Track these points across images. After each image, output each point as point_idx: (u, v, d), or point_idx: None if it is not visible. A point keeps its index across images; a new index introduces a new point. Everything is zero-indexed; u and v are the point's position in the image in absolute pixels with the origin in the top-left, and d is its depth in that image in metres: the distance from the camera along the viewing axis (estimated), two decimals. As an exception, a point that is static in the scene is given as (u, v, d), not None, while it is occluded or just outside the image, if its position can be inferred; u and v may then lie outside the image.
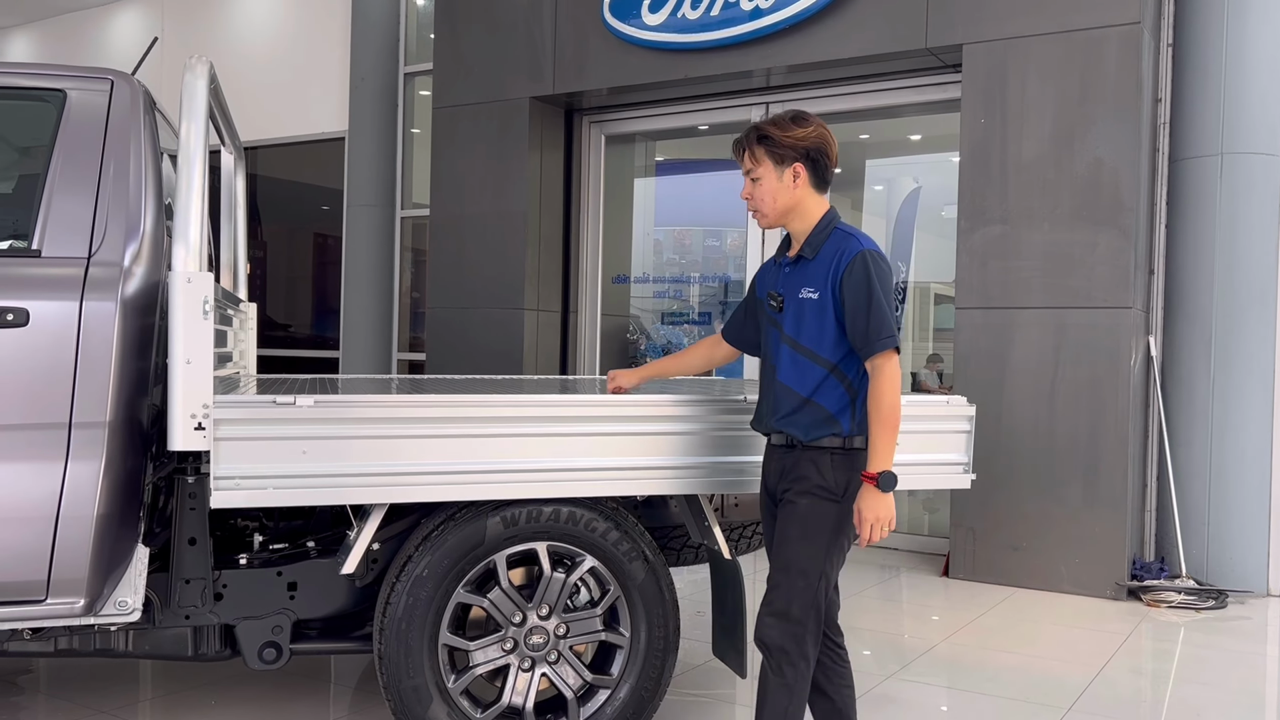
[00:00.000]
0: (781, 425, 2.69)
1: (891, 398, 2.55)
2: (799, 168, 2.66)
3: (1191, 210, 5.75)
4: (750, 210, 2.76)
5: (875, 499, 2.55)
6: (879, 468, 2.54)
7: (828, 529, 2.61)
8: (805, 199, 2.69)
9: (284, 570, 3.11)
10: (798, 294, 2.67)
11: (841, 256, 2.60)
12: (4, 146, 3.20)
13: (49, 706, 3.61)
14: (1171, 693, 4.13)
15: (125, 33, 10.71)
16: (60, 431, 2.66)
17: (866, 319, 2.55)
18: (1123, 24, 5.46)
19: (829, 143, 2.69)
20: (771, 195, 2.69)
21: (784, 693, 2.62)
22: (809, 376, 2.64)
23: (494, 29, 7.55)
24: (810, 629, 2.62)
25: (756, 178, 2.70)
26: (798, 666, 2.62)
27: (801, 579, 2.61)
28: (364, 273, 8.80)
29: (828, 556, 2.62)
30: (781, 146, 2.65)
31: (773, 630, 2.64)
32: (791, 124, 2.66)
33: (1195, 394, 5.71)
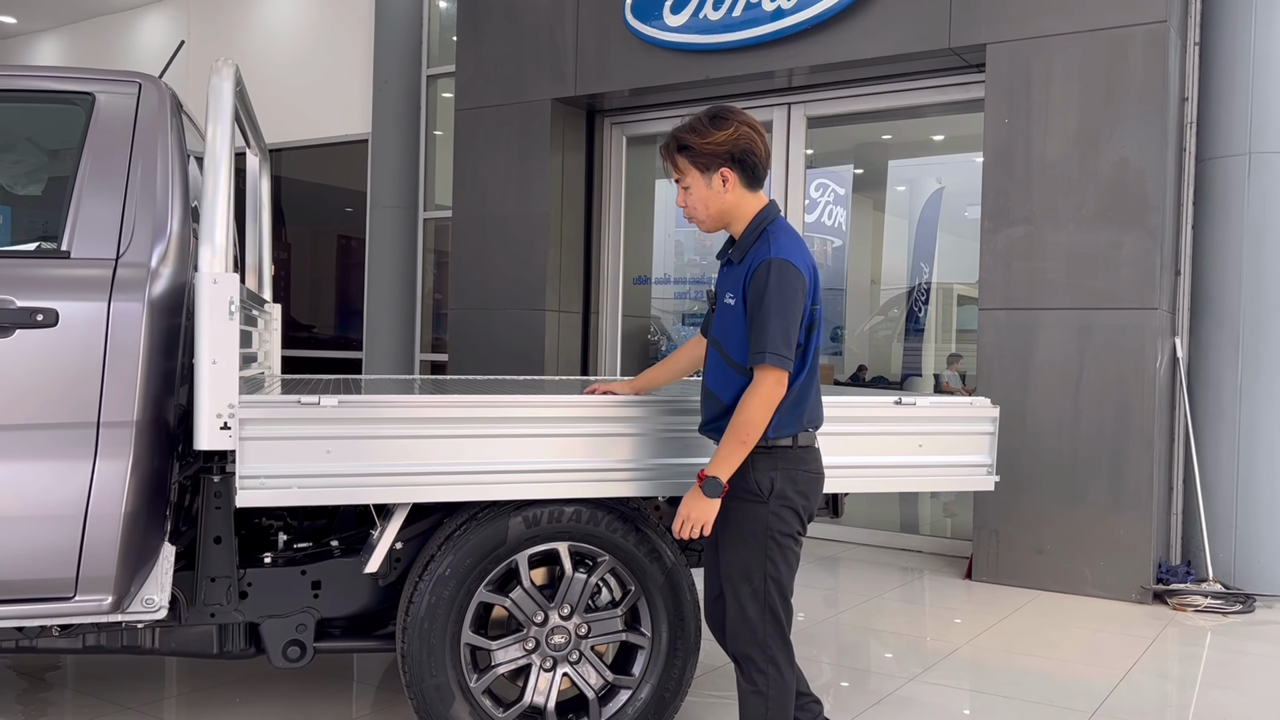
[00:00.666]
0: (707, 432, 2.69)
1: (753, 413, 2.47)
2: (726, 172, 2.57)
3: (1218, 210, 5.69)
4: (686, 218, 2.69)
5: (695, 498, 2.53)
6: (713, 472, 2.50)
7: (760, 530, 2.55)
8: (739, 201, 2.61)
9: (308, 569, 3.13)
10: (723, 298, 2.65)
11: (754, 262, 2.53)
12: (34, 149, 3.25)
13: (76, 703, 3.65)
14: (1198, 698, 4.09)
15: (152, 36, 10.82)
16: (89, 431, 2.69)
17: (754, 328, 2.49)
18: (1149, 23, 5.42)
19: (754, 140, 2.58)
20: (703, 203, 2.62)
21: (758, 699, 2.60)
22: (729, 382, 2.60)
23: (516, 31, 7.57)
24: (771, 632, 2.58)
25: (685, 186, 2.63)
26: (767, 672, 2.59)
27: (746, 584, 2.58)
28: (387, 274, 8.85)
29: (769, 558, 2.56)
30: (703, 155, 2.57)
31: (735, 640, 2.63)
32: (710, 127, 2.56)
33: (1222, 396, 5.65)
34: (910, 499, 7.29)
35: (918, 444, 3.23)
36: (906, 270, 7.35)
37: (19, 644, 3.01)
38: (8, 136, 3.22)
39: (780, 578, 2.59)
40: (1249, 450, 5.57)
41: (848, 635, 4.78)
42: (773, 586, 2.58)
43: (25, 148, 3.31)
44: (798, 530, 2.60)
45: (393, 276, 8.84)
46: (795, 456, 2.58)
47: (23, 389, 2.67)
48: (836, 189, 7.53)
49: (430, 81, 8.83)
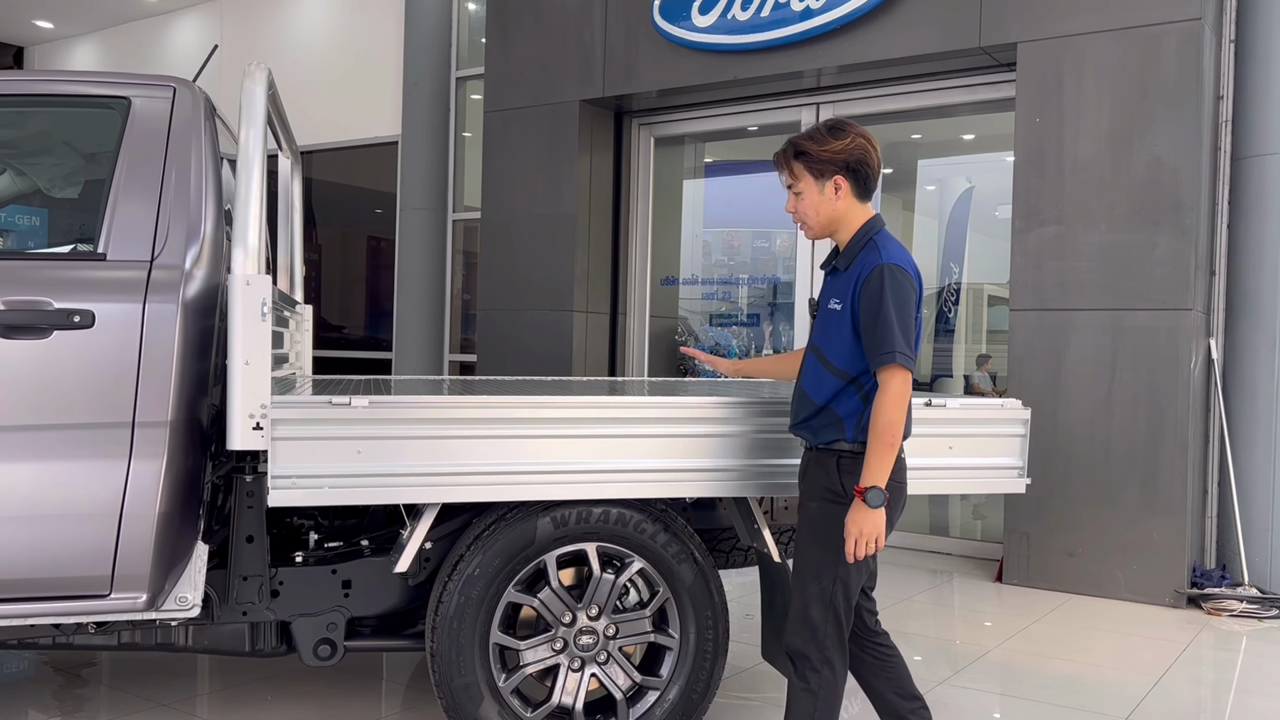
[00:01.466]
0: (798, 431, 2.72)
1: (890, 414, 2.49)
2: (840, 180, 2.64)
3: (1254, 209, 5.61)
4: (796, 223, 2.76)
5: (860, 513, 2.50)
6: (869, 482, 2.49)
7: (839, 533, 2.56)
8: (848, 210, 2.67)
9: (339, 568, 3.16)
10: (827, 304, 2.70)
11: (864, 269, 2.58)
12: (71, 152, 3.29)
13: (111, 699, 3.70)
14: (1233, 703, 4.04)
15: (186, 40, 10.95)
16: (124, 431, 2.72)
17: (873, 332, 2.53)
18: (1183, 20, 5.35)
19: (869, 151, 2.65)
20: (814, 209, 2.68)
21: (808, 698, 2.63)
22: (825, 385, 2.64)
23: (544, 33, 7.59)
24: (830, 634, 2.61)
25: (798, 192, 2.69)
26: (821, 673, 2.62)
27: (815, 584, 2.61)
28: (416, 275, 8.90)
29: (841, 561, 2.57)
30: (819, 161, 2.63)
31: (793, 636, 2.66)
32: (828, 136, 2.63)
33: (1258, 397, 5.57)
34: (940, 501, 7.24)
35: (948, 446, 3.21)
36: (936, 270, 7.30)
37: (56, 641, 3.06)
38: (45, 140, 3.27)
39: (849, 581, 2.61)
40: (1286, 453, 5.49)
41: (876, 638, 4.75)
42: (840, 589, 2.60)
43: (62, 151, 3.37)
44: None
45: (422, 277, 8.89)
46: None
47: (60, 389, 2.71)
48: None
49: (459, 83, 8.87)
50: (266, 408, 2.69)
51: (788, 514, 3.68)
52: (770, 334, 7.61)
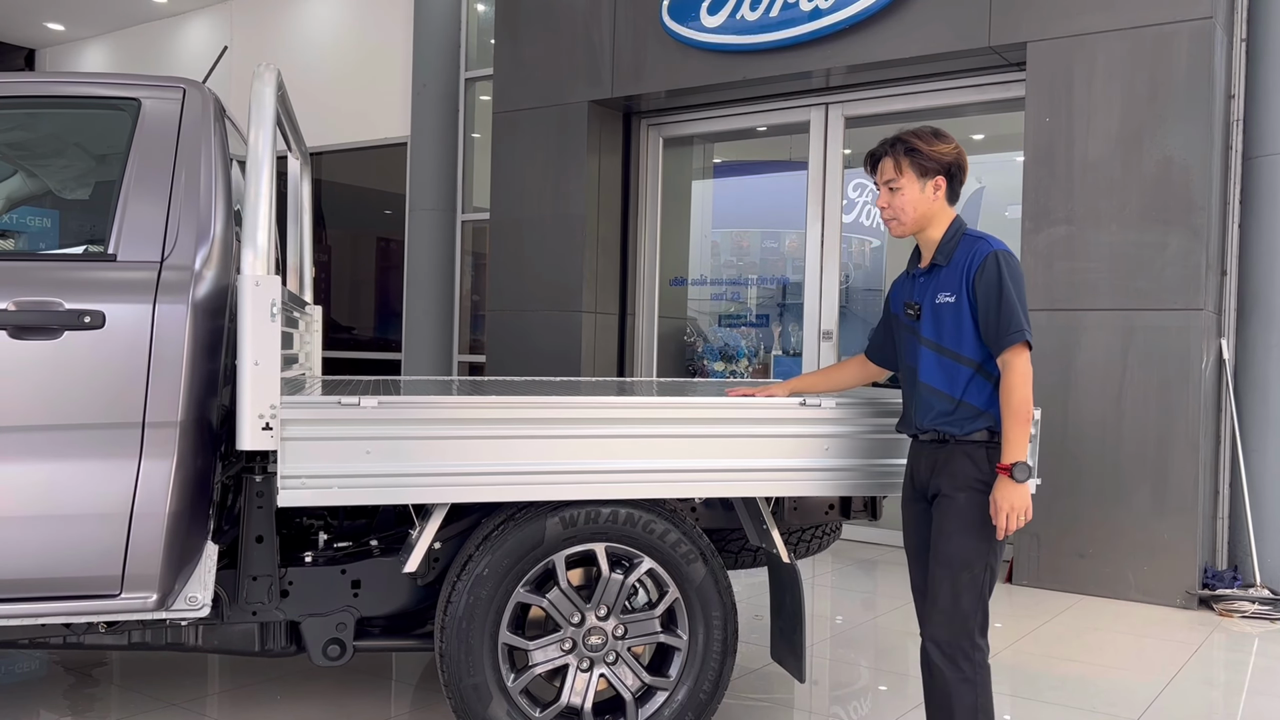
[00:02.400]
0: (937, 425, 2.76)
1: (1022, 391, 2.63)
2: (940, 180, 2.79)
3: (1266, 209, 5.58)
4: (885, 219, 2.85)
5: (1010, 489, 2.61)
6: (1012, 459, 2.62)
7: (988, 521, 2.66)
8: (940, 210, 2.81)
9: (348, 568, 3.16)
10: (934, 300, 2.78)
11: (974, 258, 2.72)
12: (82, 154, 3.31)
13: (122, 699, 3.72)
14: (1245, 705, 4.02)
15: (196, 42, 10.98)
16: (134, 431, 2.73)
17: (997, 315, 2.65)
18: (1194, 19, 5.33)
19: (965, 161, 2.84)
20: (912, 205, 2.79)
21: (967, 687, 2.68)
22: (956, 377, 2.73)
23: (553, 34, 7.60)
24: (978, 621, 2.69)
25: (897, 188, 2.80)
26: (973, 658, 2.68)
27: (966, 572, 2.67)
28: (425, 276, 8.91)
29: (990, 548, 2.68)
30: (928, 160, 2.77)
31: (942, 627, 2.70)
32: (935, 139, 2.80)
33: (1270, 398, 5.54)
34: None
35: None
36: (945, 271, 7.29)
37: (66, 640, 3.07)
38: (56, 142, 3.28)
39: (996, 568, 2.72)
40: (1298, 453, 5.46)
41: (886, 639, 4.74)
42: (988, 576, 2.70)
43: (73, 153, 3.38)
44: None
45: (431, 278, 8.91)
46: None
47: (70, 390, 2.72)
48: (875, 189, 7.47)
49: (468, 85, 8.88)
50: (276, 408, 2.70)
51: (797, 515, 3.67)
52: (779, 335, 7.60)
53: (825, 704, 3.90)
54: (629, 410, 2.96)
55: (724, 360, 7.83)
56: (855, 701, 3.95)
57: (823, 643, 4.62)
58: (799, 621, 3.22)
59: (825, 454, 3.08)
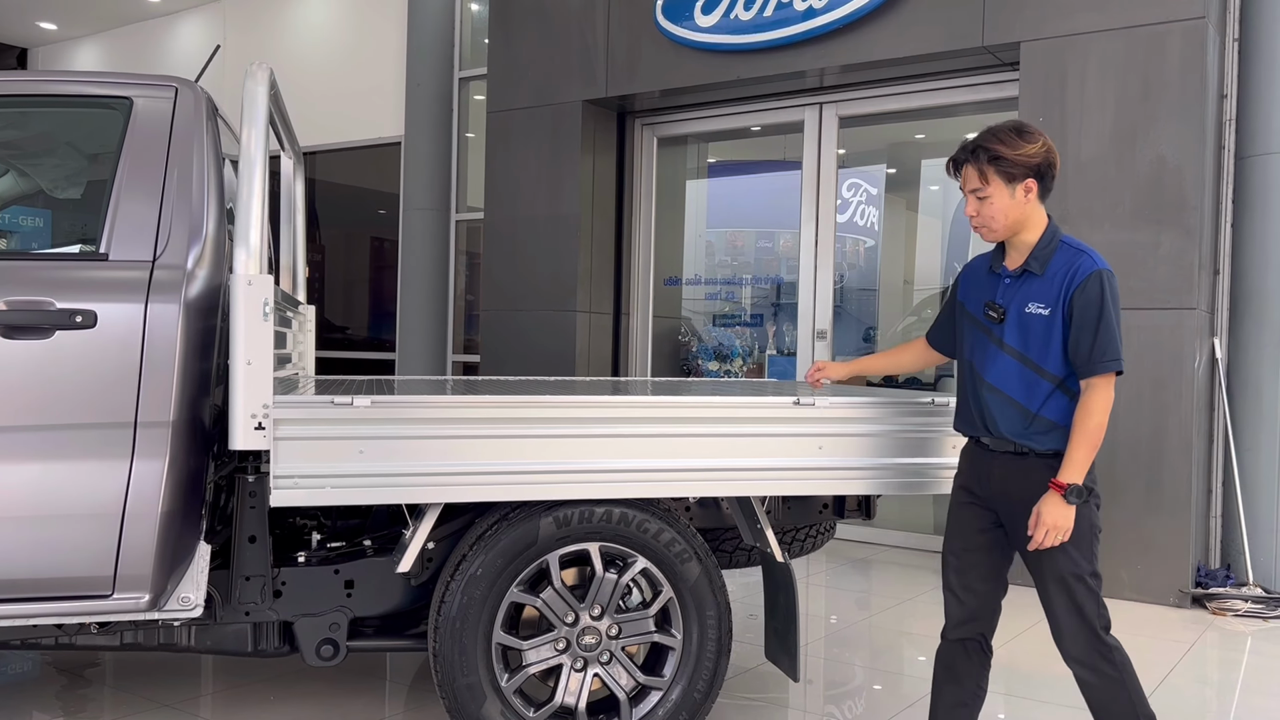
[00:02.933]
0: (1014, 437, 2.70)
1: (1100, 418, 2.61)
2: (1030, 183, 2.67)
3: (1259, 208, 5.60)
4: (974, 227, 2.75)
5: (1057, 506, 2.59)
6: (1069, 479, 2.59)
7: (1088, 529, 2.68)
8: (1033, 212, 2.71)
9: (341, 568, 3.16)
10: (1023, 308, 2.68)
11: (1075, 274, 2.63)
12: (74, 153, 3.30)
13: (115, 699, 3.70)
14: (1238, 703, 4.03)
15: (188, 41, 10.96)
16: (126, 431, 2.73)
17: (1093, 338, 2.59)
18: (1187, 19, 5.34)
19: (1055, 155, 2.70)
20: (1003, 213, 2.68)
21: (1119, 688, 2.68)
22: (1036, 390, 2.67)
23: (547, 33, 7.59)
24: (1103, 622, 2.70)
25: (985, 196, 2.68)
26: (1112, 659, 2.69)
27: (1080, 584, 2.68)
28: (419, 275, 8.90)
29: (1094, 554, 2.70)
30: (1014, 165, 2.64)
31: (1074, 642, 2.70)
32: (1020, 140, 2.65)
33: (1262, 397, 5.56)
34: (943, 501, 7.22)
35: (951, 445, 3.21)
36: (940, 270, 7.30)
37: (58, 641, 3.06)
38: (48, 141, 3.27)
39: (1100, 572, 2.73)
40: (1291, 452, 5.48)
41: (881, 638, 4.75)
42: (1097, 581, 2.71)
43: (65, 152, 3.37)
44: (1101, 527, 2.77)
45: (425, 278, 8.90)
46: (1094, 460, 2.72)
47: (62, 390, 2.71)
48: (869, 189, 7.48)
49: (462, 84, 8.87)
50: (269, 408, 2.69)
51: (791, 514, 3.68)
52: (774, 334, 7.61)
53: (820, 703, 3.90)
54: (622, 410, 2.96)
55: (718, 360, 7.84)
56: (849, 701, 3.95)
57: (817, 642, 4.62)
58: (793, 621, 3.22)
59: (819, 453, 3.07)
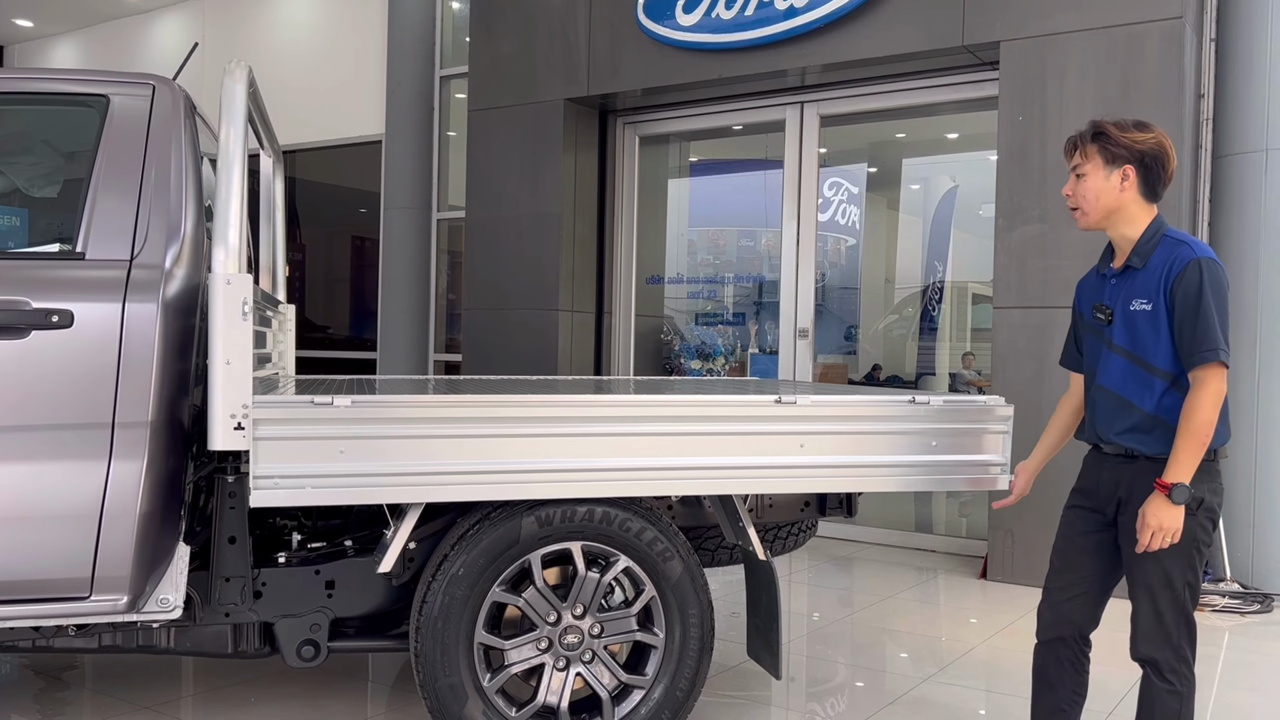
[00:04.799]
0: (1125, 440, 2.66)
1: (1208, 413, 2.50)
2: (1129, 170, 2.62)
3: (1235, 207, 5.65)
4: (1070, 208, 2.72)
5: (1163, 507, 2.51)
6: (1174, 478, 2.50)
7: (1188, 540, 2.57)
8: (1130, 204, 2.65)
9: (322, 569, 3.14)
10: (1128, 305, 2.65)
11: (1174, 264, 2.56)
12: (50, 151, 3.27)
13: (94, 702, 3.68)
14: (1215, 699, 4.06)
15: (166, 39, 10.88)
16: (103, 431, 2.70)
17: (1193, 328, 2.52)
18: (1164, 19, 5.38)
19: (1168, 153, 2.64)
20: (1095, 194, 2.65)
21: (1174, 698, 2.63)
22: (1150, 389, 2.61)
23: (528, 32, 7.58)
24: (1185, 636, 2.63)
25: (1082, 174, 2.65)
26: (1180, 671, 2.63)
27: (1167, 591, 2.61)
28: (401, 275, 8.87)
29: (1191, 566, 2.60)
30: (1117, 145, 2.61)
31: (1148, 645, 2.66)
32: (1133, 128, 2.63)
33: (1239, 394, 5.61)
34: (925, 499, 7.26)
35: (931, 443, 3.22)
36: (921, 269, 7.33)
37: (36, 644, 3.03)
38: (24, 139, 3.24)
39: (1196, 585, 2.64)
40: (1266, 448, 5.53)
41: (863, 635, 4.76)
42: (1189, 594, 2.62)
43: (41, 150, 3.33)
44: (1211, 540, 2.67)
45: (406, 277, 8.87)
46: (1215, 470, 2.63)
47: (38, 390, 2.69)
48: (850, 188, 7.51)
49: (443, 82, 8.85)
50: (248, 408, 2.67)
51: (773, 513, 3.68)
52: (756, 333, 7.62)
53: (802, 701, 3.91)
54: (604, 409, 2.95)
55: (701, 359, 7.85)
56: (831, 698, 3.96)
57: (799, 640, 4.63)
58: (775, 619, 3.22)
59: (801, 451, 3.08)
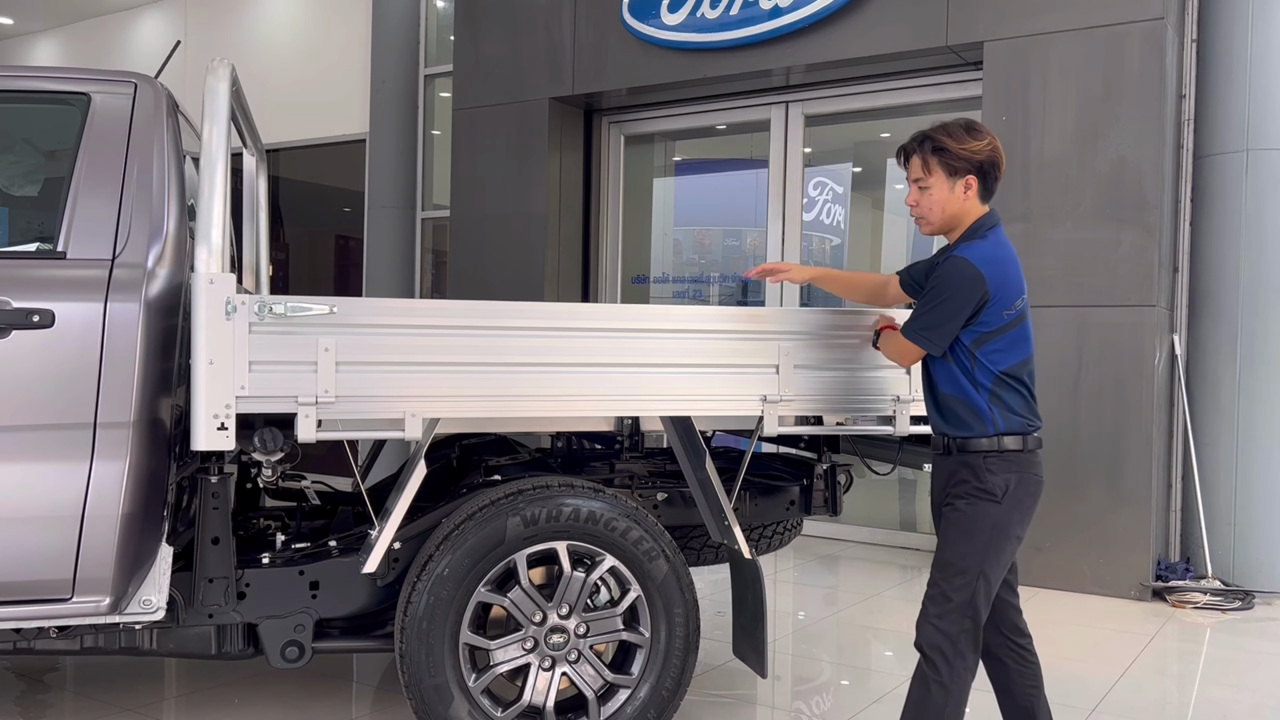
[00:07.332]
0: (938, 423, 2.75)
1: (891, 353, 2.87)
2: (971, 180, 2.69)
3: (1216, 207, 5.69)
4: (914, 217, 2.78)
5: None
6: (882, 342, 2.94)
7: (986, 528, 2.61)
8: (971, 209, 2.72)
9: (306, 569, 3.13)
10: None
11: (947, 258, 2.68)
12: (30, 150, 3.24)
13: (76, 704, 3.65)
14: (1198, 695, 4.09)
15: (149, 37, 10.81)
16: (85, 432, 2.68)
17: (920, 307, 2.70)
18: (1146, 20, 5.41)
19: (1000, 156, 2.72)
20: (940, 205, 2.71)
21: (940, 690, 2.62)
22: (949, 376, 2.70)
23: (513, 30, 7.57)
24: (967, 628, 2.63)
25: (926, 187, 2.71)
26: (954, 665, 2.62)
27: (959, 577, 2.62)
28: (385, 274, 8.84)
29: (985, 556, 2.61)
30: (957, 159, 2.67)
31: (927, 629, 2.65)
32: (967, 135, 2.68)
33: (1220, 393, 5.65)
34: (909, 497, 7.28)
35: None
36: (905, 268, 7.35)
37: (17, 646, 3.01)
38: (4, 137, 3.21)
39: (991, 577, 2.64)
40: (1248, 447, 5.57)
41: (848, 633, 4.78)
42: (981, 584, 2.62)
43: (21, 148, 3.31)
44: (1019, 534, 2.67)
45: (391, 276, 8.84)
46: (1026, 461, 2.66)
47: (19, 390, 2.67)
48: (835, 187, 7.52)
49: (428, 81, 8.82)
50: (231, 407, 2.66)
51: (758, 511, 3.69)
52: (741, 332, 7.61)
53: (787, 699, 3.92)
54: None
55: (686, 358, 7.83)
56: (817, 696, 3.97)
57: (785, 638, 4.64)
58: (761, 617, 3.23)
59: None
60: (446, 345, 2.83)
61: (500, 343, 2.87)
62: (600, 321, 2.98)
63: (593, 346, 2.94)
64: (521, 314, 2.91)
